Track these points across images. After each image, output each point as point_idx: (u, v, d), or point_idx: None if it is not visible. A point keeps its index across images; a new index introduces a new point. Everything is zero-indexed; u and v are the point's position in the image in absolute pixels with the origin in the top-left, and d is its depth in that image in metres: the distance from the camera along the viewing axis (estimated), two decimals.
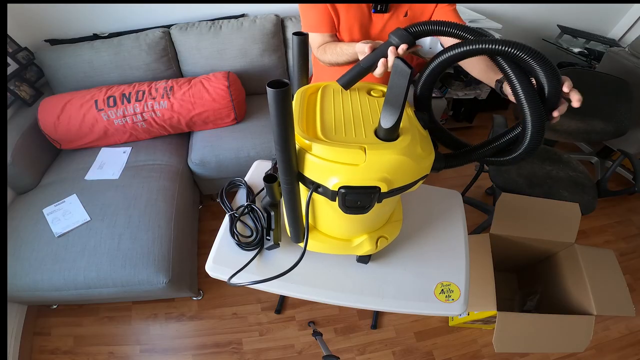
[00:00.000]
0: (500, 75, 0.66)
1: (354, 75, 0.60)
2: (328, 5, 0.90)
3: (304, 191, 0.54)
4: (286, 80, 0.36)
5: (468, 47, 0.48)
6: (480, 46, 0.47)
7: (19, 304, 1.36)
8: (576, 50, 2.18)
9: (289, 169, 0.47)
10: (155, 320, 1.45)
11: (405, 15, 0.93)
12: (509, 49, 0.45)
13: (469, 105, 2.37)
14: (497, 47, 0.45)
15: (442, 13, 0.94)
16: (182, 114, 1.52)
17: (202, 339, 1.40)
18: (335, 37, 0.96)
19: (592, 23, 2.34)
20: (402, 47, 0.58)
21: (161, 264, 1.16)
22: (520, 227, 1.27)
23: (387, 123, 0.44)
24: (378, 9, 0.91)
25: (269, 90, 0.36)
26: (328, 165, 0.45)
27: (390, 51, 0.59)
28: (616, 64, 1.87)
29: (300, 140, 0.47)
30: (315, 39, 0.96)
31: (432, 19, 0.96)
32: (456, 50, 0.50)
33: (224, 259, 0.70)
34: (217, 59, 1.70)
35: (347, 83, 0.60)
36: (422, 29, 0.56)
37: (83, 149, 1.56)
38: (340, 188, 0.46)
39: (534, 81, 0.50)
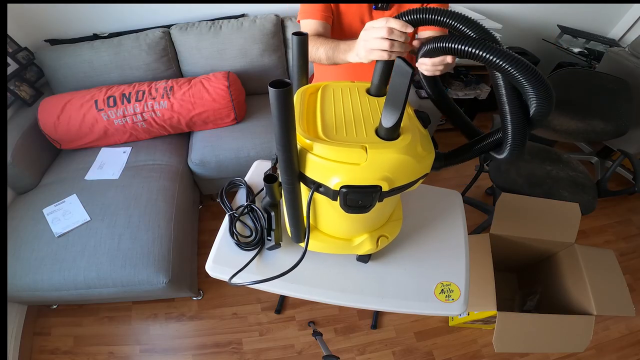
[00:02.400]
0: None
1: (380, 73, 0.56)
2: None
3: (304, 191, 0.54)
4: (288, 80, 0.36)
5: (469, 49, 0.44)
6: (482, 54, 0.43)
7: (19, 304, 1.36)
8: (576, 50, 2.19)
9: (290, 169, 0.47)
10: (155, 320, 1.45)
11: None
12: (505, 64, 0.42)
13: (469, 105, 2.37)
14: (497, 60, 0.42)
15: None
16: (182, 114, 1.52)
17: (202, 339, 1.40)
18: (328, 29, 0.94)
19: (592, 23, 2.34)
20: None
21: (161, 264, 1.16)
22: (520, 227, 1.27)
23: (388, 122, 0.44)
24: (379, 6, 0.91)
25: (271, 90, 0.36)
26: (329, 164, 0.45)
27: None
28: (616, 64, 1.87)
29: (301, 140, 0.47)
30: (306, 26, 0.93)
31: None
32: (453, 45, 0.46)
33: (224, 259, 0.70)
34: (217, 59, 1.70)
35: (379, 87, 0.57)
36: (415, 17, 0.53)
37: (83, 149, 1.56)
38: (341, 187, 0.46)
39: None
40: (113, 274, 1.13)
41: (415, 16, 0.53)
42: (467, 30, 0.45)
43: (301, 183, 0.51)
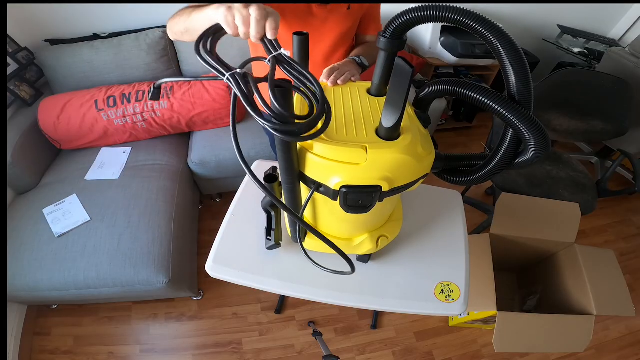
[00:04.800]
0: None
1: (381, 73, 0.56)
2: None
3: (304, 190, 0.54)
4: (287, 79, 0.36)
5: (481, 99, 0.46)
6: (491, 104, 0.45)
7: (19, 304, 1.36)
8: (576, 50, 2.19)
9: (290, 169, 0.47)
10: (155, 320, 1.45)
11: (348, 8, 0.90)
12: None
13: (469, 105, 2.37)
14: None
15: (373, 8, 0.96)
16: (182, 114, 1.52)
17: (202, 339, 1.40)
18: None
19: (592, 23, 2.34)
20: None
21: (161, 264, 1.16)
22: (520, 227, 1.27)
23: (388, 122, 0.44)
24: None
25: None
26: (330, 164, 0.45)
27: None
28: (616, 64, 1.87)
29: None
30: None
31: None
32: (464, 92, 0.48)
33: (224, 258, 0.70)
34: None
35: (380, 87, 0.57)
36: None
37: (83, 149, 1.56)
38: (341, 187, 0.46)
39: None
40: (113, 274, 1.13)
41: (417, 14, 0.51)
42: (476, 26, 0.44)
43: (301, 183, 0.51)
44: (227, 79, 0.39)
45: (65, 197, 1.30)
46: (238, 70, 0.39)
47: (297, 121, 0.38)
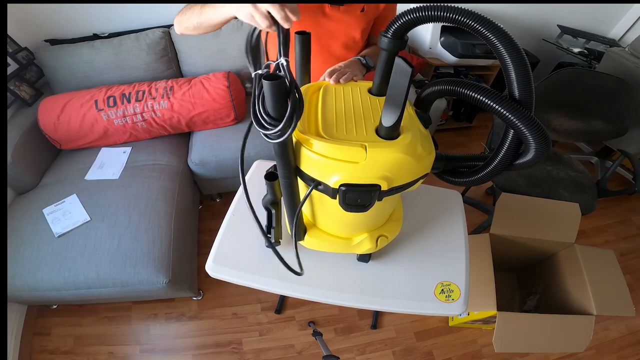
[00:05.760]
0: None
1: (382, 73, 0.57)
2: None
3: (304, 189, 0.54)
4: (280, 74, 0.37)
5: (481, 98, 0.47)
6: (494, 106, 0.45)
7: (19, 304, 1.36)
8: (576, 50, 2.19)
9: (286, 163, 0.47)
10: (155, 320, 1.45)
11: (362, 10, 0.90)
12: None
13: (469, 105, 2.37)
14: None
15: (387, 10, 0.94)
16: (182, 114, 1.52)
17: (202, 339, 1.40)
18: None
19: (592, 23, 2.34)
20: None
21: (161, 264, 1.16)
22: (520, 227, 1.27)
23: (388, 121, 0.44)
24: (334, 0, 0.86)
25: (265, 82, 0.37)
26: (329, 162, 0.45)
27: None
28: (616, 64, 1.87)
29: (301, 137, 0.47)
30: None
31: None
32: (465, 92, 0.49)
33: (224, 258, 0.70)
34: (217, 59, 1.70)
35: (380, 87, 0.58)
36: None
37: (83, 149, 1.56)
38: (341, 186, 0.46)
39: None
40: (113, 274, 1.13)
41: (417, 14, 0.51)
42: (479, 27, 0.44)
43: (301, 181, 0.51)
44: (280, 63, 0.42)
45: (65, 197, 1.30)
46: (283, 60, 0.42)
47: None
